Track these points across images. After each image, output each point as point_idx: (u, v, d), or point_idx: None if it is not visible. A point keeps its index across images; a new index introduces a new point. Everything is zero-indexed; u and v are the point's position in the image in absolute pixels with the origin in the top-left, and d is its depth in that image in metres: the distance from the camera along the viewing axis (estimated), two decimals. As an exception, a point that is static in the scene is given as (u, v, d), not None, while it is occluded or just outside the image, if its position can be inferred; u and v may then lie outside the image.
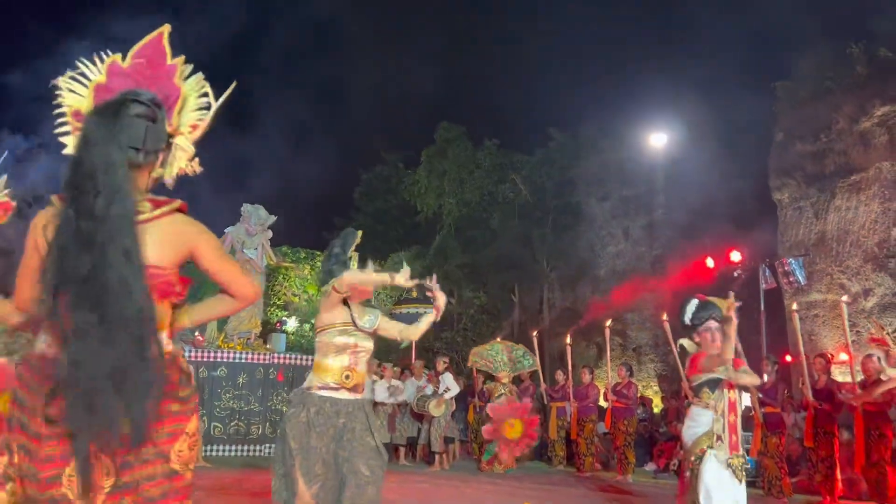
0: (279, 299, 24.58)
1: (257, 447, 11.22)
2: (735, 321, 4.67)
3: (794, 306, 9.67)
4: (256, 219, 14.88)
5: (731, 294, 4.69)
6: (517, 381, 12.35)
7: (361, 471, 3.34)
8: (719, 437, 4.65)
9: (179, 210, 2.07)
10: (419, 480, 9.06)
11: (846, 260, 16.89)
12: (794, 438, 10.27)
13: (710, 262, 15.76)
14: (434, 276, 3.82)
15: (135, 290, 1.84)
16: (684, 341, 5.19)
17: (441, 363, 12.10)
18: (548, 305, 24.44)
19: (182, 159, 2.17)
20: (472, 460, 11.93)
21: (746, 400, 10.03)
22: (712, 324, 4.85)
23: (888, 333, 15.42)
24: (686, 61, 23.77)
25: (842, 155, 17.24)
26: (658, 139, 21.27)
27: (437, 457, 10.85)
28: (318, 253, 26.74)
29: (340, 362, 3.56)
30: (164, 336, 2.04)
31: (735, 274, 15.32)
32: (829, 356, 9.33)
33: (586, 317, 20.13)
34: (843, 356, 13.53)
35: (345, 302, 3.66)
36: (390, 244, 28.25)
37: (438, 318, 3.96)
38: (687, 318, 5.03)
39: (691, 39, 26.25)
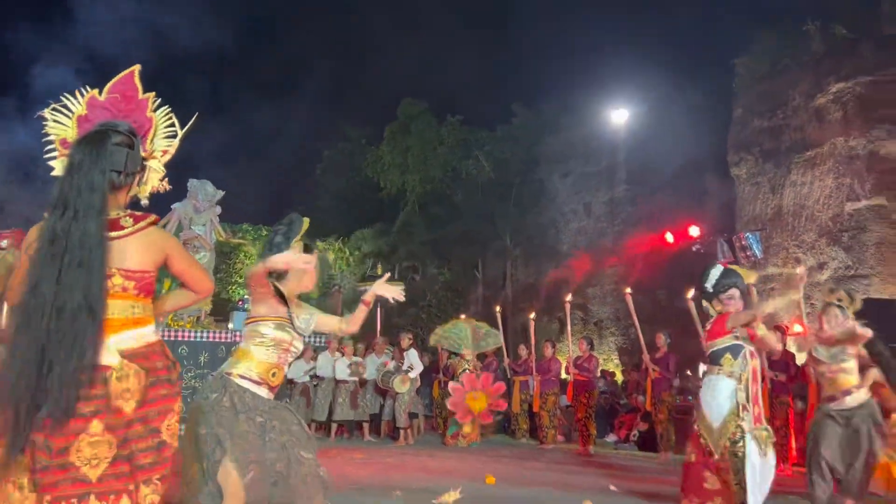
0: (240, 277, 24.33)
1: (220, 425, 11.17)
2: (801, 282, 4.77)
3: (753, 293, 9.84)
4: (204, 194, 14.57)
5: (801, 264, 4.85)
6: (480, 357, 12.46)
7: (305, 456, 3.20)
8: (745, 407, 4.46)
9: (153, 223, 2.46)
10: (384, 456, 9.11)
11: (801, 234, 17.28)
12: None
13: (669, 237, 16.00)
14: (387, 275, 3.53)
15: (77, 294, 2.17)
16: (708, 305, 5.02)
17: (405, 339, 12.12)
18: (511, 281, 24.61)
19: (155, 179, 2.62)
20: (436, 435, 12.03)
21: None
22: (735, 292, 4.74)
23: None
24: (647, 38, 23.90)
25: (798, 131, 17.55)
26: (619, 115, 21.43)
27: (401, 432, 10.92)
28: (281, 230, 26.48)
29: (269, 357, 3.32)
30: (150, 328, 2.41)
31: (694, 248, 15.59)
32: (785, 328, 9.56)
33: (548, 292, 20.34)
34: (798, 328, 13.91)
35: (282, 297, 3.39)
36: (354, 221, 28.12)
37: (369, 306, 3.70)
38: (710, 285, 4.86)
39: (652, 16, 26.38)
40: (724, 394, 4.51)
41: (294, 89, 32.95)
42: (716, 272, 4.85)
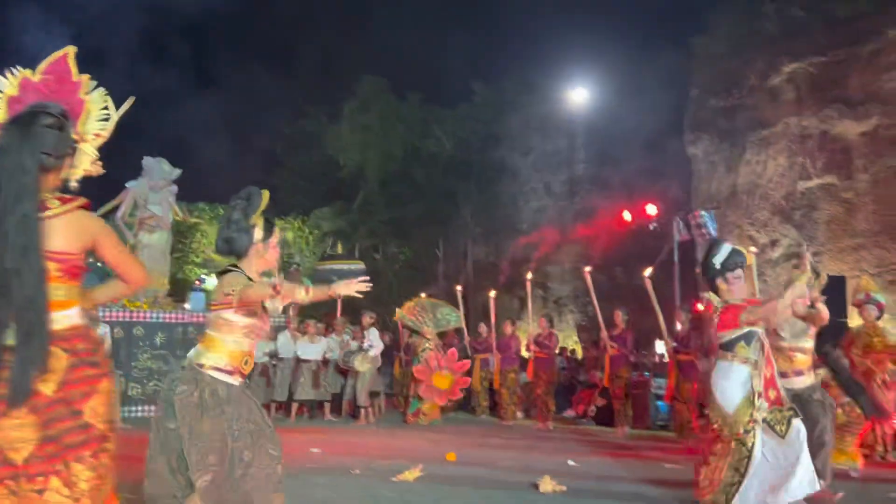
0: (197, 256, 23.96)
1: (178, 407, 11.10)
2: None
3: (750, 262, 10.03)
4: (160, 173, 14.25)
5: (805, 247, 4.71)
6: (441, 335, 12.50)
7: (270, 451, 3.09)
8: (760, 394, 4.31)
9: (83, 207, 2.41)
10: (344, 435, 9.13)
11: (755, 212, 17.63)
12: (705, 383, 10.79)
13: (627, 216, 16.19)
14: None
15: (29, 279, 2.20)
16: (710, 294, 4.81)
17: (367, 318, 12.10)
18: (472, 259, 24.70)
19: (86, 162, 2.57)
20: (398, 413, 12.08)
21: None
22: (741, 272, 4.64)
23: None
24: (606, 17, 23.94)
25: (753, 110, 17.84)
26: (578, 94, 21.51)
27: (362, 411, 10.92)
28: (238, 209, 26.10)
29: (241, 346, 3.17)
30: (74, 311, 2.39)
31: (651, 227, 15.81)
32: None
33: (509, 270, 20.47)
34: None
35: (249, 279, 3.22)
36: (313, 200, 27.82)
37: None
38: (719, 261, 4.65)
39: (612, -6, 26.39)
40: (738, 380, 4.38)
41: (251, 67, 32.31)
42: (726, 249, 4.68)
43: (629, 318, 10.23)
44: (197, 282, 21.95)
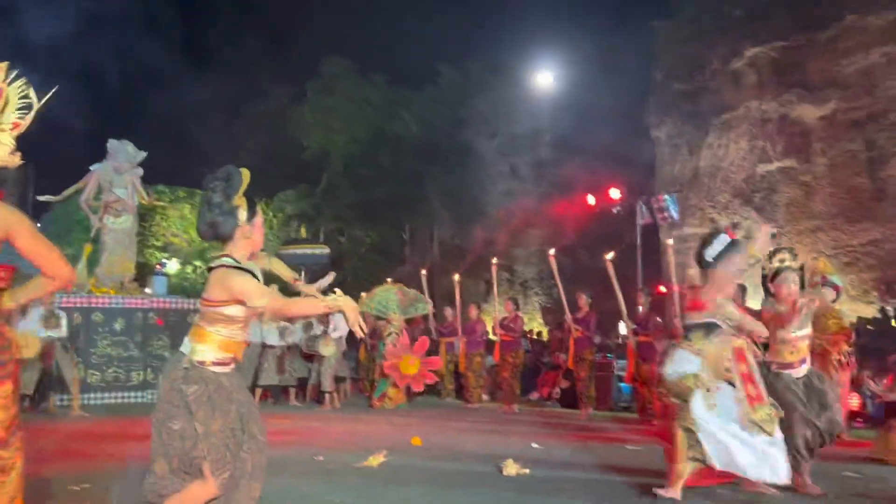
0: (158, 241, 23.55)
1: (138, 394, 10.96)
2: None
3: (670, 241, 10.17)
4: (124, 155, 14.00)
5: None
6: (408, 321, 12.48)
7: (257, 436, 3.09)
8: (708, 389, 4.26)
9: None
10: (311, 420, 9.08)
11: (717, 195, 17.87)
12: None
13: (591, 200, 16.28)
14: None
15: None
16: (693, 272, 4.90)
17: None
18: (438, 243, 24.67)
19: (4, 152, 2.44)
20: (363, 398, 12.06)
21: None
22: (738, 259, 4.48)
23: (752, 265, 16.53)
24: (571, 0, 23.93)
25: (715, 94, 18.03)
26: (544, 78, 21.51)
27: (327, 396, 10.86)
28: (198, 191, 25.68)
29: (236, 337, 3.11)
30: None
31: (614, 210, 15.94)
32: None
33: (475, 253, 20.50)
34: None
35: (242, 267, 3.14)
36: (277, 182, 27.46)
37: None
38: (713, 254, 4.50)
39: (577, -23, 26.35)
40: (684, 366, 4.35)
41: (213, 46, 31.70)
42: (721, 241, 4.50)
43: (592, 301, 10.31)
44: (158, 266, 21.61)
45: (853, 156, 15.41)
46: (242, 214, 3.10)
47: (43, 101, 2.56)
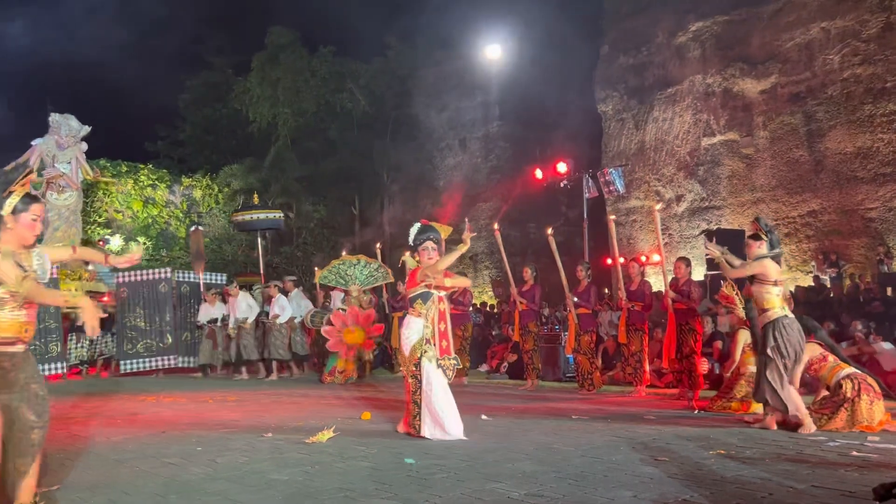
0: (100, 217, 22.89)
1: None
2: (467, 244, 5.81)
3: (612, 216, 10.33)
4: (67, 130, 13.64)
5: (468, 223, 5.98)
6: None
7: (28, 417, 3.28)
8: (428, 341, 5.49)
9: None
10: (259, 396, 9.02)
11: (662, 168, 18.15)
12: (611, 336, 11.16)
13: (538, 174, 16.38)
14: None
15: None
16: (406, 257, 6.21)
17: (289, 283, 12.21)
18: (388, 217, 24.56)
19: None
20: (316, 374, 12.04)
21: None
22: (429, 244, 5.63)
23: (697, 236, 16.92)
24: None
25: (660, 68, 18.23)
26: (493, 51, 21.44)
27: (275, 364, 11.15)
28: (142, 166, 24.99)
29: (18, 317, 3.32)
30: None
31: (562, 184, 16.06)
32: (643, 259, 10.06)
33: (467, 226, 20.48)
34: (656, 258, 14.74)
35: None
36: (222, 156, 26.90)
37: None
38: (410, 239, 5.74)
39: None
40: (413, 329, 5.51)
41: (156, 16, 30.65)
42: (414, 229, 5.75)
43: (539, 274, 10.41)
44: (101, 242, 21.03)
45: (793, 129, 15.81)
46: (8, 207, 3.30)
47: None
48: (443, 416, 5.42)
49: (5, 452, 3.23)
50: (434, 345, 5.50)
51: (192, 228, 18.41)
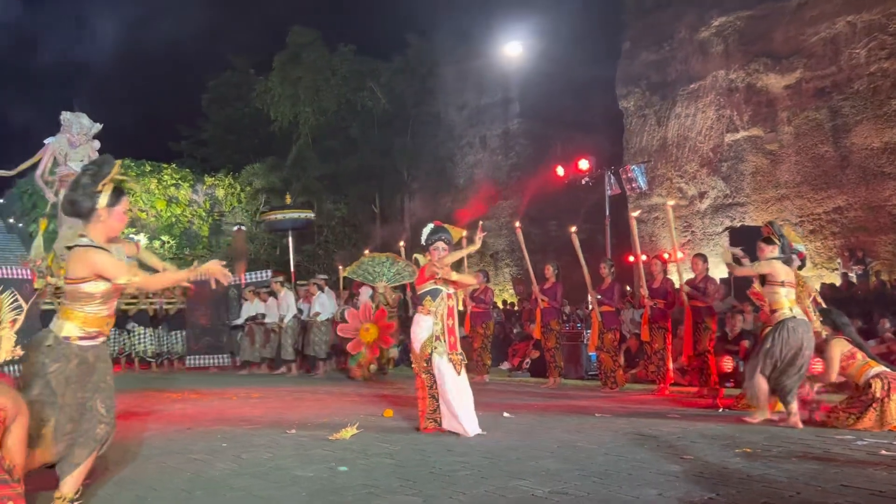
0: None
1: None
2: (477, 245, 6.04)
3: (634, 213, 10.27)
4: (78, 127, 13.71)
5: (481, 224, 6.03)
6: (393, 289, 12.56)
7: (98, 409, 3.34)
8: (438, 338, 5.61)
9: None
10: (282, 394, 9.08)
11: (684, 165, 18.00)
12: (634, 334, 11.09)
13: (560, 171, 16.30)
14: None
15: None
16: (419, 256, 6.12)
17: (319, 283, 12.58)
18: (408, 215, 24.59)
19: (9, 345, 2.95)
20: (341, 372, 12.14)
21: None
22: (440, 244, 5.74)
23: (720, 234, 16.76)
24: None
25: (683, 63, 18.07)
26: (513, 48, 21.37)
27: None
28: (165, 165, 25.25)
29: (101, 311, 3.37)
30: None
31: (583, 181, 15.97)
32: (666, 257, 9.97)
33: (479, 226, 20.47)
34: (679, 255, 14.64)
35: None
36: (244, 155, 27.09)
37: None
38: (423, 239, 5.87)
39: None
40: (423, 327, 5.64)
41: (178, 17, 30.95)
42: (427, 229, 5.88)
43: (559, 272, 10.38)
44: (123, 241, 21.26)
45: (818, 124, 15.59)
46: (104, 199, 3.32)
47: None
48: (457, 409, 5.50)
49: (70, 444, 3.27)
50: (444, 341, 5.60)
51: (235, 229, 18.79)
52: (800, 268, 7.16)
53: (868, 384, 5.73)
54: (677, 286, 8.76)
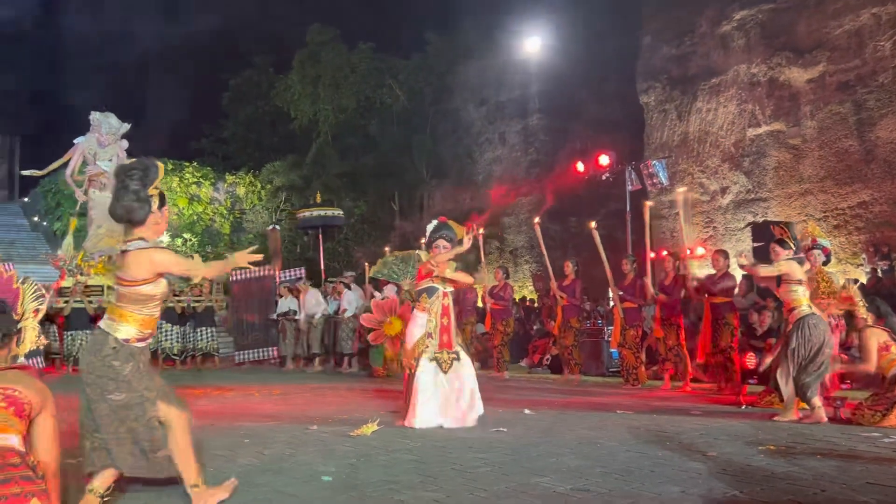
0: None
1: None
2: (465, 247, 5.92)
3: (649, 202, 10.28)
4: (107, 127, 13.91)
5: (474, 226, 6.01)
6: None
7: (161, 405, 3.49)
8: (430, 335, 5.74)
9: (22, 368, 2.86)
10: (304, 390, 9.13)
11: (706, 160, 17.84)
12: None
13: (580, 167, 16.23)
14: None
15: None
16: (421, 252, 6.44)
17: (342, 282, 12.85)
18: (428, 212, 24.60)
19: (33, 335, 3.13)
20: (365, 369, 12.21)
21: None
22: (441, 242, 5.87)
23: (742, 229, 16.61)
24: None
25: (704, 58, 17.90)
26: (532, 43, 21.27)
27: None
28: (187, 164, 25.46)
29: (153, 312, 3.46)
30: (13, 437, 2.66)
31: (604, 177, 15.88)
32: (684, 253, 9.88)
33: (465, 222, 20.45)
34: (700, 250, 14.52)
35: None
36: (264, 153, 27.24)
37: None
38: (426, 236, 6.04)
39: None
40: (418, 325, 5.78)
41: (198, 15, 31.12)
42: (431, 226, 6.06)
43: (578, 268, 10.33)
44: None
45: (842, 118, 15.37)
46: (155, 203, 3.41)
47: (50, 293, 3.14)
48: (414, 400, 5.67)
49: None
50: (435, 339, 5.72)
51: (270, 228, 19.09)
52: (824, 263, 7.09)
53: (895, 380, 5.67)
54: (692, 281, 8.75)
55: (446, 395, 5.74)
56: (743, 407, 6.91)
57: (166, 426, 3.40)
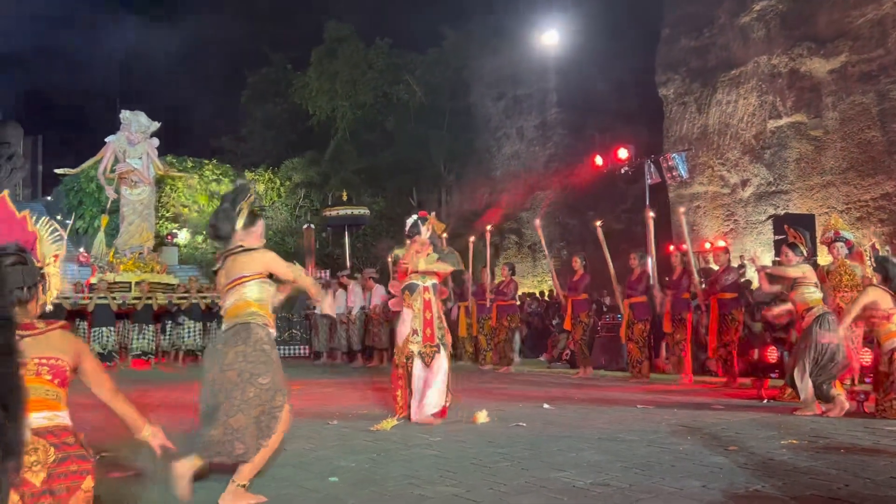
0: (168, 211, 23.59)
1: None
2: (425, 234, 6.00)
3: (682, 208, 10.23)
4: (137, 126, 14.13)
5: (432, 215, 6.22)
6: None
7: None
8: (415, 331, 5.87)
9: (63, 328, 2.68)
10: (324, 386, 9.18)
11: (726, 152, 17.68)
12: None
13: (598, 160, 16.15)
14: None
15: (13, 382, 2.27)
16: (398, 250, 6.46)
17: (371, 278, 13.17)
18: (446, 208, 24.61)
19: (57, 281, 2.86)
20: (384, 366, 12.27)
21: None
22: (419, 237, 6.02)
23: (763, 222, 16.45)
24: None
25: (723, 49, 17.73)
26: (549, 37, 21.18)
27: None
28: (206, 161, 25.62)
29: (272, 305, 3.77)
30: (64, 413, 2.59)
31: (623, 171, 15.80)
32: (707, 247, 9.84)
33: (483, 217, 20.44)
34: (721, 243, 14.39)
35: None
36: (282, 150, 27.35)
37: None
38: (406, 230, 6.14)
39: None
40: (405, 321, 5.92)
41: (216, 14, 31.30)
42: (410, 220, 6.14)
43: (587, 263, 10.33)
44: (168, 237, 21.67)
45: (864, 109, 15.16)
46: (240, 222, 3.66)
47: (67, 229, 3.05)
48: (414, 396, 5.82)
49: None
50: (419, 334, 5.87)
51: (305, 227, 19.44)
52: (847, 256, 7.02)
53: (890, 359, 5.58)
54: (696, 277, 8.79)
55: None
56: (765, 401, 6.86)
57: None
